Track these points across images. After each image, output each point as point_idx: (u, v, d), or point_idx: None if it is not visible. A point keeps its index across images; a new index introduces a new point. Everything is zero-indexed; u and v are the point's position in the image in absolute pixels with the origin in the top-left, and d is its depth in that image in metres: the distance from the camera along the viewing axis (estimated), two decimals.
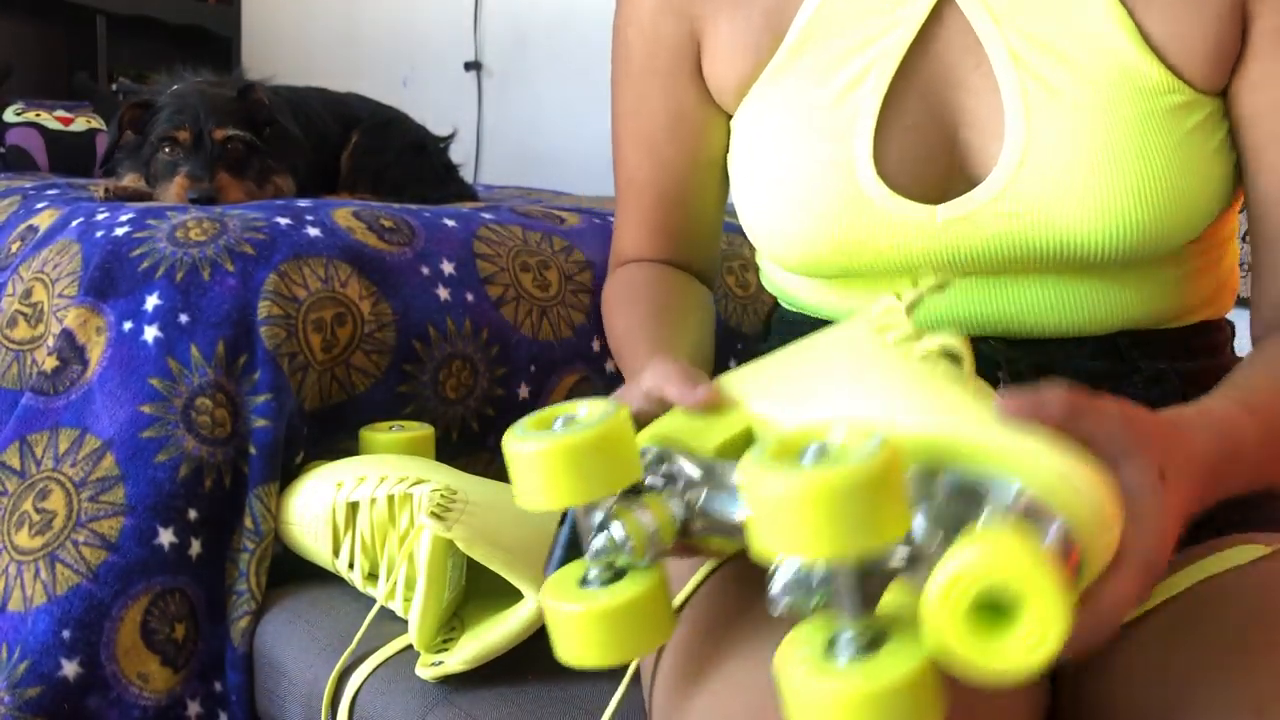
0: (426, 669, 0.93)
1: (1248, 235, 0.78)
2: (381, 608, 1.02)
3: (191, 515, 1.10)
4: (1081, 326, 0.77)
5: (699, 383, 0.63)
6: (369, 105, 1.91)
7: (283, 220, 1.25)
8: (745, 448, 0.62)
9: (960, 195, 0.74)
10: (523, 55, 2.99)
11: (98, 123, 2.62)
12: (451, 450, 1.25)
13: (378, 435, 1.16)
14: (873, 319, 0.64)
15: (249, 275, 1.17)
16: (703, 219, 0.92)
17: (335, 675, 0.98)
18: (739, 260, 1.48)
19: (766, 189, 0.79)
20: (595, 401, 0.58)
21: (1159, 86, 0.71)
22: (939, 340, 0.61)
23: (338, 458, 1.15)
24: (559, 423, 0.57)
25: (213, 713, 1.10)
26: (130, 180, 1.57)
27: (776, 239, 0.79)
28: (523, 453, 0.55)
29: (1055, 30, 0.73)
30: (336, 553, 1.08)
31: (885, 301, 0.65)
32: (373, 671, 0.97)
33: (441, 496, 0.99)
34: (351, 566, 1.07)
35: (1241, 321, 0.82)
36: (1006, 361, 0.76)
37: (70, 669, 1.04)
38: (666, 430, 0.61)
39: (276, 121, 1.60)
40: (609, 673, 0.76)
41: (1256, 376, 0.69)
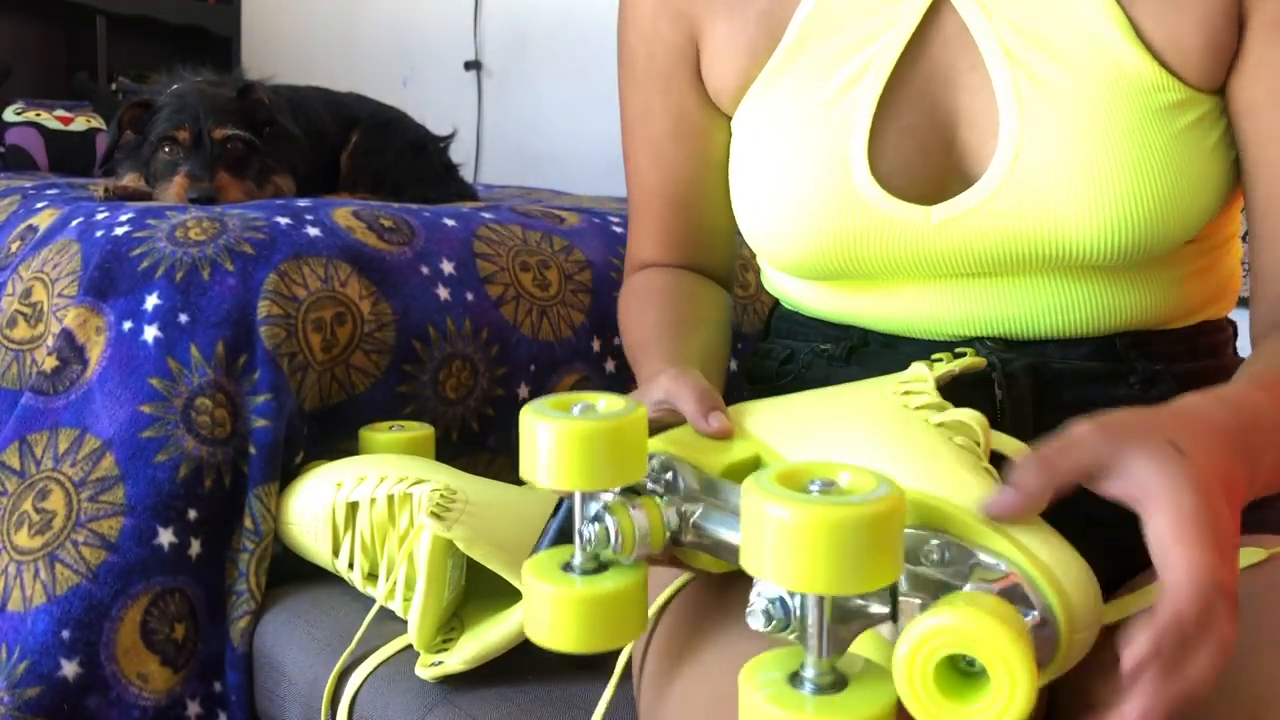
0: (426, 669, 0.93)
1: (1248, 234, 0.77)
2: (381, 608, 1.02)
3: (191, 515, 1.10)
4: (1079, 327, 0.77)
5: (715, 406, 0.64)
6: (369, 105, 1.91)
7: (282, 220, 1.25)
8: (751, 472, 0.63)
9: (957, 195, 0.74)
10: (523, 55, 2.99)
11: (98, 122, 2.62)
12: (451, 450, 1.25)
13: (378, 435, 1.16)
14: (900, 382, 0.66)
15: (249, 275, 1.17)
16: (714, 222, 0.91)
17: (335, 675, 0.98)
18: (738, 260, 1.47)
19: (763, 189, 0.79)
20: (615, 397, 0.59)
21: (1153, 84, 0.71)
22: (959, 415, 0.62)
23: (338, 458, 1.15)
24: (578, 408, 0.58)
25: (212, 713, 1.10)
26: (130, 180, 1.57)
27: (772, 240, 0.79)
28: (537, 429, 0.57)
29: (1049, 26, 0.72)
30: (336, 553, 1.08)
31: (916, 368, 0.67)
32: (372, 671, 0.97)
33: (441, 496, 0.99)
34: (351, 566, 1.07)
35: (1244, 322, 0.82)
36: (1002, 362, 0.76)
37: (70, 669, 1.03)
38: (676, 441, 0.62)
39: (276, 121, 1.60)
40: (608, 673, 0.76)
41: (1260, 365, 0.68)
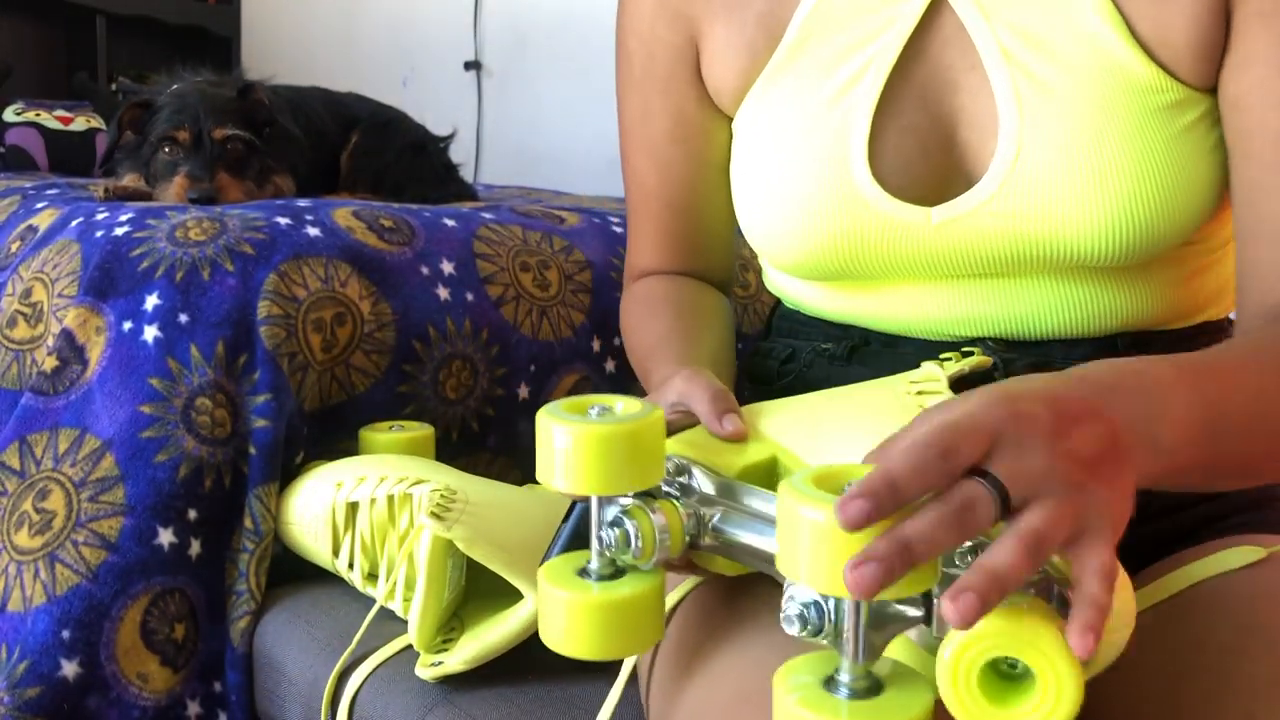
0: (426, 669, 0.93)
1: None
2: (381, 608, 1.02)
3: (191, 515, 1.10)
4: (1080, 328, 0.77)
5: (729, 407, 0.64)
6: (369, 105, 1.91)
7: (282, 220, 1.25)
8: (768, 474, 0.63)
9: (957, 196, 0.74)
10: (523, 55, 2.99)
11: (98, 123, 2.62)
12: (451, 450, 1.25)
13: (378, 435, 1.16)
14: (911, 381, 0.65)
15: (249, 275, 1.17)
16: (713, 225, 0.91)
17: (335, 675, 0.98)
18: (738, 260, 1.48)
19: (763, 190, 0.79)
20: (631, 399, 0.58)
21: (1151, 84, 0.71)
22: None
23: (338, 458, 1.15)
24: (594, 411, 0.57)
25: (212, 713, 1.10)
26: (130, 180, 1.57)
27: (772, 240, 0.79)
28: (554, 432, 0.55)
29: (1046, 27, 0.72)
30: (336, 553, 1.08)
31: (928, 367, 0.66)
32: (373, 671, 0.97)
33: (441, 496, 0.99)
34: (351, 566, 1.07)
35: None
36: (1003, 362, 0.76)
37: (70, 669, 1.03)
38: (691, 444, 0.61)
39: (276, 121, 1.60)
40: (609, 673, 0.76)
41: (1197, 355, 0.63)
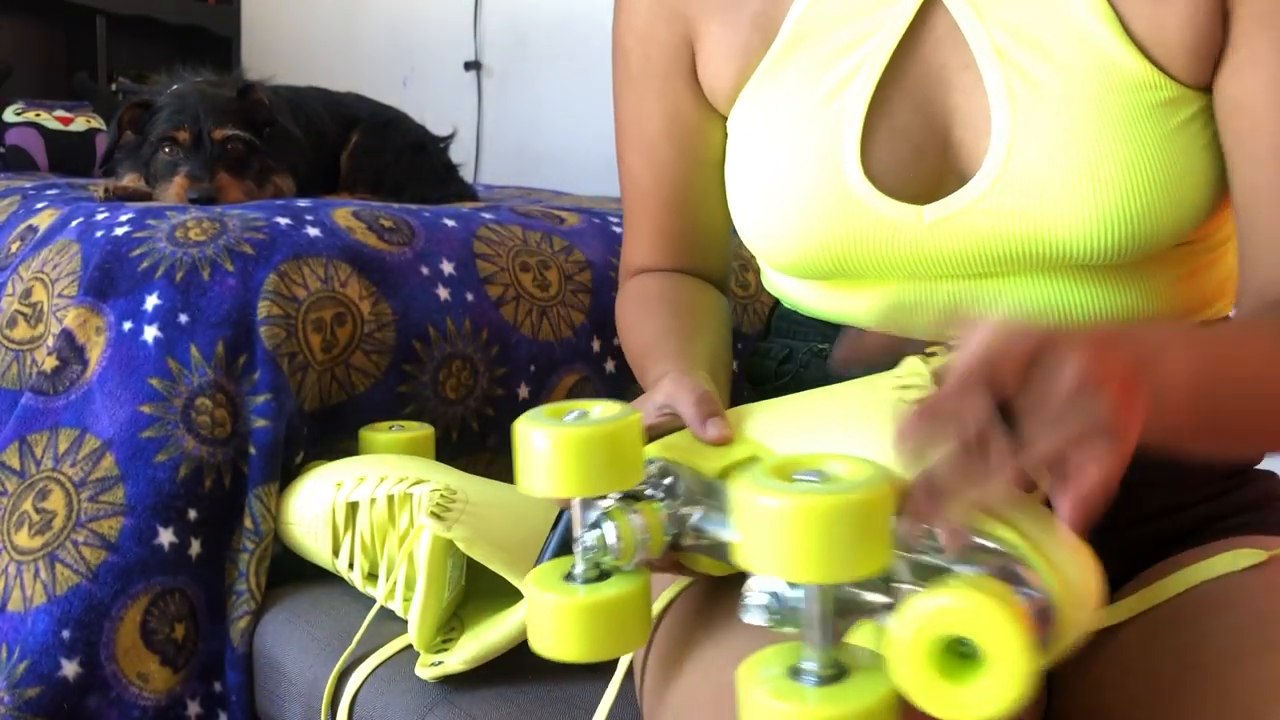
0: (426, 669, 0.93)
1: None
2: (381, 608, 1.02)
3: (191, 515, 1.10)
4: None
5: (714, 410, 0.64)
6: (369, 105, 1.91)
7: (282, 220, 1.25)
8: None
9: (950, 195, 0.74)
10: (523, 55, 2.99)
11: (98, 123, 2.62)
12: (451, 450, 1.25)
13: (378, 435, 1.16)
14: (895, 376, 0.66)
15: (249, 275, 1.17)
16: (709, 224, 0.91)
17: (335, 675, 0.98)
18: (738, 260, 1.48)
19: (757, 190, 0.79)
20: (610, 403, 0.59)
21: (1145, 82, 0.71)
22: None
23: (338, 458, 1.15)
24: (572, 416, 0.59)
25: (212, 713, 1.10)
26: (130, 180, 1.57)
27: (767, 240, 0.79)
28: (532, 437, 0.57)
29: (1040, 26, 0.72)
30: (336, 553, 1.08)
31: (910, 362, 0.67)
32: (373, 671, 0.97)
33: (441, 496, 0.99)
34: (351, 566, 1.07)
35: None
36: None
37: (70, 669, 1.04)
38: (673, 446, 0.62)
39: (276, 121, 1.60)
40: (608, 673, 0.76)
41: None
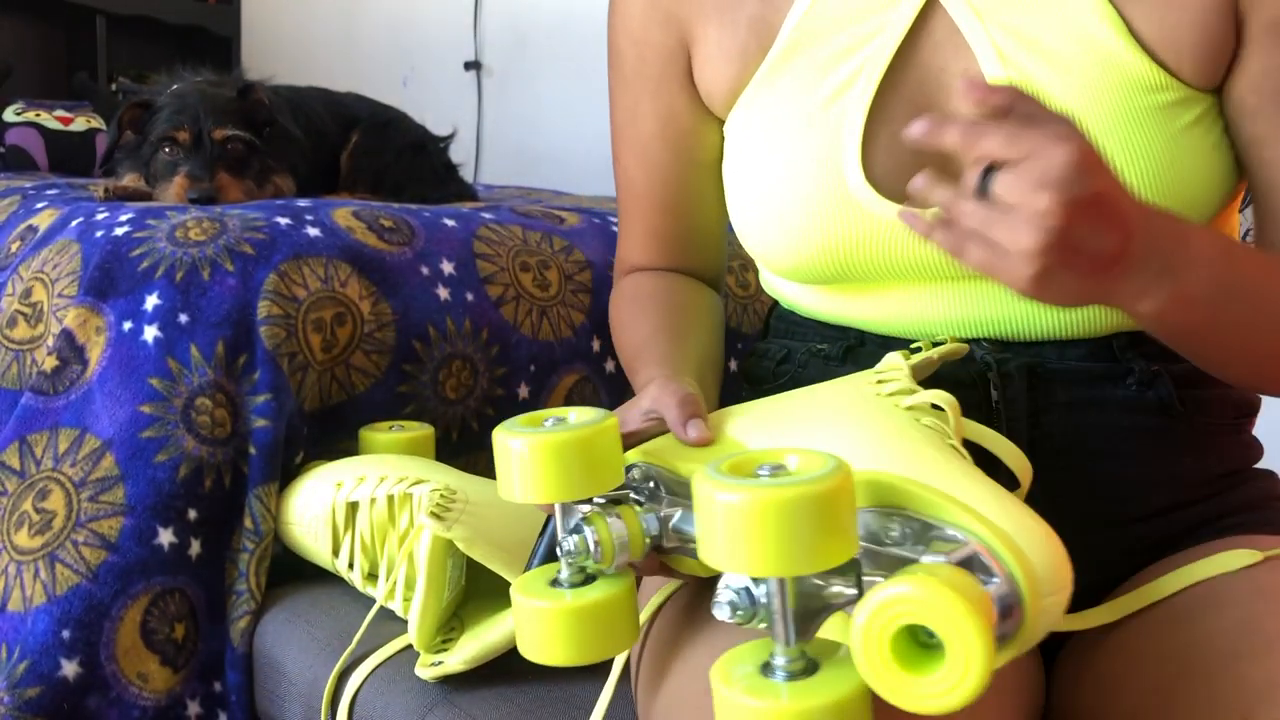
0: (426, 669, 0.93)
1: (1250, 234, 0.77)
2: (381, 608, 1.02)
3: (191, 515, 1.10)
4: (1075, 328, 0.76)
5: (696, 412, 0.65)
6: (369, 105, 1.91)
7: (282, 220, 1.25)
8: None
9: None
10: (523, 55, 2.99)
11: (98, 123, 2.61)
12: (451, 450, 1.25)
13: (378, 435, 1.16)
14: (875, 372, 0.67)
15: (249, 275, 1.17)
16: (703, 224, 0.91)
17: (335, 675, 0.98)
18: (738, 260, 1.48)
19: (757, 195, 0.79)
20: (586, 409, 0.61)
21: (1150, 83, 0.71)
22: (928, 396, 0.63)
23: (338, 458, 1.15)
24: (549, 422, 0.60)
25: (212, 713, 1.10)
26: (130, 180, 1.56)
27: (767, 245, 0.79)
28: (510, 445, 0.58)
29: (1042, 28, 0.72)
30: (336, 553, 1.08)
31: (890, 358, 0.67)
32: (372, 671, 0.96)
33: (441, 496, 0.99)
34: (351, 566, 1.07)
35: None
36: (997, 363, 0.75)
37: (70, 669, 1.03)
38: (654, 450, 0.63)
39: (276, 121, 1.60)
40: (607, 673, 0.76)
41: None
